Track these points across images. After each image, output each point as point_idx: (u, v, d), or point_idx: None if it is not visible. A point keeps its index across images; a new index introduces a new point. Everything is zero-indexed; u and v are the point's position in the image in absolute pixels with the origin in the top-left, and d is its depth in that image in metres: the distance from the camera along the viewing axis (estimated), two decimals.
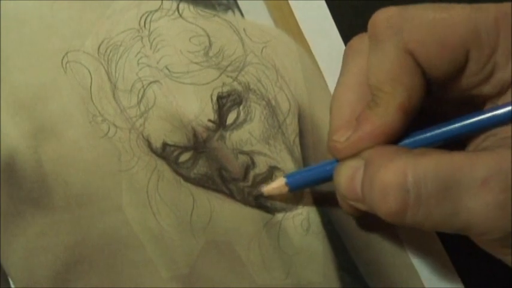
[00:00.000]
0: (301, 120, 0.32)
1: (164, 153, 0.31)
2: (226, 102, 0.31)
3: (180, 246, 0.31)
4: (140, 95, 0.31)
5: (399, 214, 0.24)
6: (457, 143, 0.27)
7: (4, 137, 0.30)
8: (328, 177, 0.29)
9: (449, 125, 0.27)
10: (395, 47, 0.26)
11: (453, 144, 0.26)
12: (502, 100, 0.27)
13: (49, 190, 0.30)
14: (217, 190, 0.31)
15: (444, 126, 0.27)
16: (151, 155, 0.31)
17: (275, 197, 0.31)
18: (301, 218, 0.32)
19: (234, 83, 0.32)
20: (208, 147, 0.31)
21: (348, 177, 0.26)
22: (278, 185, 0.30)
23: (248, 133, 0.32)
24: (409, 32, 0.26)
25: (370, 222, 0.31)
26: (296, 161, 0.32)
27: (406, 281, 0.32)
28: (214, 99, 0.31)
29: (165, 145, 0.31)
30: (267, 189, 0.31)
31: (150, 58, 0.31)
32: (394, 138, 0.26)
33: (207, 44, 0.32)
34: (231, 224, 0.31)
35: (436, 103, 0.28)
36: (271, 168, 0.32)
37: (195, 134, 0.31)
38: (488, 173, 0.23)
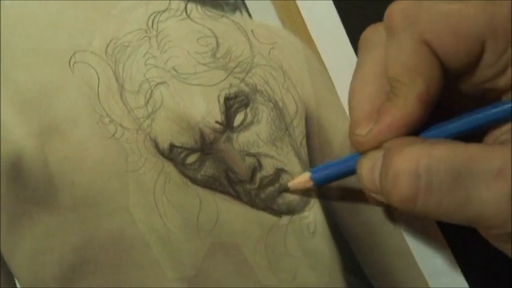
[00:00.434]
0: (308, 121, 0.32)
1: (171, 154, 0.31)
2: (233, 103, 0.31)
3: (187, 247, 0.31)
4: (147, 96, 0.31)
5: (410, 200, 0.24)
6: (473, 137, 0.27)
7: (10, 137, 0.30)
8: (352, 171, 0.29)
9: (465, 118, 0.27)
10: (411, 38, 0.26)
11: (470, 138, 0.26)
12: None
13: (55, 190, 0.30)
14: (224, 192, 0.31)
15: (461, 119, 0.27)
16: (158, 156, 0.31)
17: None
18: (307, 220, 0.31)
19: (242, 84, 0.32)
20: (215, 148, 0.31)
21: (369, 169, 0.26)
22: (303, 179, 0.30)
23: (255, 135, 0.31)
24: (424, 22, 0.26)
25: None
26: (303, 163, 0.32)
27: (412, 283, 0.31)
28: (222, 100, 0.31)
29: (172, 146, 0.31)
30: (292, 183, 0.31)
31: (158, 59, 0.31)
32: (414, 130, 0.26)
33: (215, 45, 0.32)
34: (238, 226, 0.31)
35: (453, 97, 0.28)
36: (278, 171, 0.31)
37: (202, 135, 0.31)
38: (504, 164, 0.23)
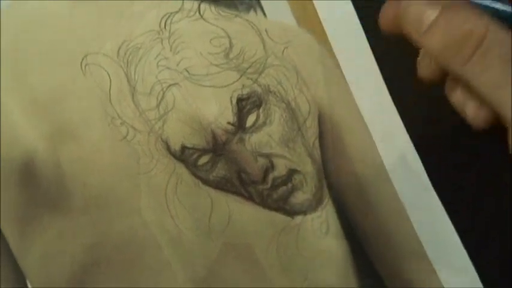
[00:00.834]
0: (321, 120, 0.32)
1: (183, 156, 0.31)
2: (245, 104, 0.31)
3: (198, 249, 0.31)
4: (159, 98, 0.31)
5: (462, 57, 0.23)
6: None
7: (22, 139, 0.30)
8: None
9: None
10: None
11: None
12: None
13: (67, 192, 0.30)
14: (236, 193, 0.31)
15: None
16: (170, 157, 0.31)
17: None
18: (320, 220, 0.31)
19: (254, 85, 0.31)
20: (227, 149, 0.31)
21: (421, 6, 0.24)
22: None
23: (268, 136, 0.31)
24: None
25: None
26: (316, 163, 0.32)
27: (426, 283, 0.31)
28: (234, 101, 0.31)
29: (184, 148, 0.31)
30: None
31: (170, 60, 0.31)
32: None
33: (228, 45, 0.31)
34: (250, 226, 0.31)
35: None
36: (291, 171, 0.31)
37: (214, 136, 0.31)
38: None
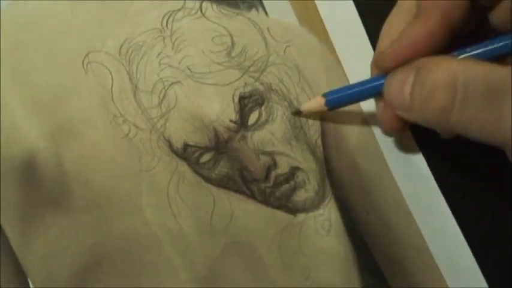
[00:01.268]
0: (323, 119, 0.32)
1: (185, 153, 0.31)
2: (248, 102, 0.31)
3: (200, 247, 0.30)
4: (161, 96, 0.31)
5: (445, 111, 0.24)
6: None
7: (24, 137, 0.30)
8: (366, 94, 0.29)
9: (497, 42, 0.26)
10: None
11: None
12: None
13: (69, 190, 0.30)
14: (238, 191, 0.31)
15: (492, 43, 0.26)
16: (172, 155, 0.31)
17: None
18: (322, 218, 0.31)
19: (256, 83, 0.31)
20: (229, 147, 0.31)
21: (399, 84, 0.26)
22: (316, 104, 0.30)
23: (270, 134, 0.31)
24: None
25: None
26: (318, 161, 0.32)
27: (430, 282, 0.31)
28: (236, 99, 0.31)
29: (186, 146, 0.31)
30: (305, 105, 0.31)
31: (172, 58, 0.31)
32: (439, 48, 0.26)
33: (230, 43, 0.31)
34: (252, 225, 0.31)
35: (482, 18, 0.28)
36: (293, 169, 0.31)
37: (216, 134, 0.31)
38: None
